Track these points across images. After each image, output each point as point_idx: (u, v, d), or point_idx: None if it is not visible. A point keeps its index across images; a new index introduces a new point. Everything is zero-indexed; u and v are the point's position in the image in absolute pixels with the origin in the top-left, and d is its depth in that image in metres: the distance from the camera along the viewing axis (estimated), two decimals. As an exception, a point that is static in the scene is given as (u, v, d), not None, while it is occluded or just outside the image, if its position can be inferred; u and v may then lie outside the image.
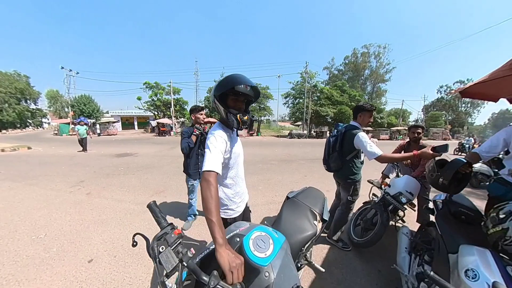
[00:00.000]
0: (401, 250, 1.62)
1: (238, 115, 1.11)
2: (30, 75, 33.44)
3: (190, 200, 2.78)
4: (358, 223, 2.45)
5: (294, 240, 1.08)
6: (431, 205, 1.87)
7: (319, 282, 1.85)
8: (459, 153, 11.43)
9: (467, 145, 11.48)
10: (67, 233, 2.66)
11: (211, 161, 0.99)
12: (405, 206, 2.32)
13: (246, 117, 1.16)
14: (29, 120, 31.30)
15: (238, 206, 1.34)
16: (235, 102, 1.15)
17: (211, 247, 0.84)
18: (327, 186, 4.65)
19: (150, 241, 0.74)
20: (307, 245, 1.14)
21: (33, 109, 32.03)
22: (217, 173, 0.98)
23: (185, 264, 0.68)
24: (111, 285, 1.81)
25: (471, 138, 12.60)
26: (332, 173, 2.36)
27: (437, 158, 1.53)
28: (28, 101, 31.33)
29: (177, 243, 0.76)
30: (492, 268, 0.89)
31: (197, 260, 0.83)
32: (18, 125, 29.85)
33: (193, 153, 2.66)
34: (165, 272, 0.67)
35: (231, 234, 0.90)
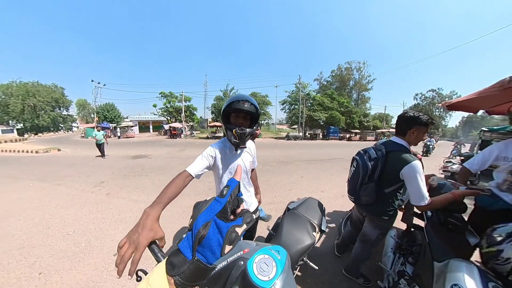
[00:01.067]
0: (387, 250, 1.58)
1: (234, 130, 1.07)
2: (65, 86, 35.08)
3: None
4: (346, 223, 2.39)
5: (294, 251, 1.09)
6: (416, 209, 1.74)
7: (313, 278, 1.86)
8: (426, 154, 11.29)
9: (430, 146, 11.54)
10: (92, 230, 2.71)
11: (191, 164, 1.06)
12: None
13: (244, 131, 1.10)
14: (61, 125, 32.74)
15: None
16: (235, 118, 1.14)
17: (219, 266, 0.78)
18: (322, 187, 4.70)
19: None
20: (305, 253, 1.15)
21: (65, 115, 33.47)
22: (189, 173, 1.02)
23: None
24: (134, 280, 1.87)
25: (432, 139, 12.59)
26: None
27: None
28: (61, 108, 32.77)
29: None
30: (477, 285, 0.86)
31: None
32: (52, 129, 31.00)
33: None
34: None
35: (235, 256, 0.83)
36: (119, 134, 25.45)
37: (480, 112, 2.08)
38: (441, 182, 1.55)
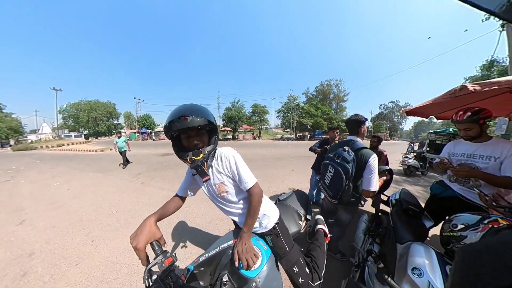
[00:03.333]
0: (359, 232, 1.49)
1: (188, 157, 0.69)
2: (116, 102, 37.43)
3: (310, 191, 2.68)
4: None
5: None
6: (384, 197, 1.71)
7: None
8: (410, 153, 10.89)
9: (409, 148, 11.21)
10: (130, 210, 2.81)
11: (179, 187, 0.89)
12: (366, 198, 2.12)
13: (200, 155, 0.68)
14: (113, 131, 34.63)
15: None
16: (187, 139, 0.71)
17: (211, 252, 0.73)
18: (308, 178, 4.62)
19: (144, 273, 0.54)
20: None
21: (116, 123, 35.97)
22: (179, 196, 0.87)
23: (172, 281, 0.53)
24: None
25: (412, 144, 12.05)
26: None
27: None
28: (113, 118, 35.29)
29: (169, 271, 0.56)
30: (435, 268, 0.78)
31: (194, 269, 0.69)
32: (107, 134, 33.02)
33: (318, 156, 2.59)
34: None
35: (226, 244, 0.75)
36: (153, 137, 26.73)
37: (429, 118, 2.04)
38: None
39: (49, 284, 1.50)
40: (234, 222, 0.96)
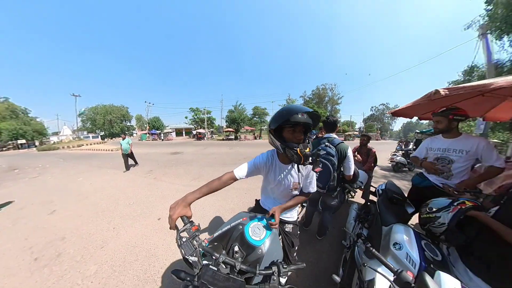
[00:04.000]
0: (350, 218, 1.55)
1: (298, 149, 0.70)
2: (128, 105, 38.83)
3: None
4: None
5: None
6: (372, 189, 1.75)
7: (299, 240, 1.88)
8: (399, 151, 10.75)
9: (398, 147, 11.08)
10: (144, 202, 2.90)
11: (238, 168, 0.84)
12: (357, 190, 2.28)
13: (307, 149, 0.72)
14: (126, 132, 35.15)
15: None
16: (293, 133, 0.74)
17: (224, 228, 0.80)
18: None
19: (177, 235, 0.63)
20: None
21: (128, 125, 36.43)
22: (235, 175, 0.81)
23: (200, 249, 0.61)
24: (172, 233, 2.00)
25: (401, 144, 11.88)
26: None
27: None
28: (126, 121, 35.90)
29: (194, 235, 0.64)
30: (412, 243, 0.83)
31: (208, 244, 0.76)
32: (120, 135, 33.81)
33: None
34: (186, 254, 0.59)
35: (236, 222, 0.81)
36: (162, 137, 27.19)
37: (415, 118, 2.08)
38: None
39: (81, 263, 1.65)
40: (257, 203, 1.08)
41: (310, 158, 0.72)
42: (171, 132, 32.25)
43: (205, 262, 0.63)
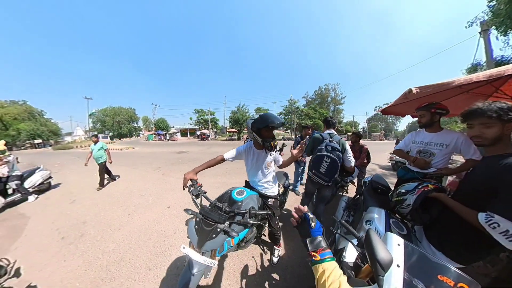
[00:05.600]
0: (340, 208, 1.64)
1: (272, 142, 1.08)
2: (136, 107, 40.25)
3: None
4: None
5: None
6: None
7: (293, 230, 1.85)
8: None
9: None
10: (155, 193, 3.13)
11: (227, 152, 1.21)
12: (349, 184, 2.38)
13: (276, 142, 1.10)
14: (133, 133, 36.63)
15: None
16: (268, 132, 1.09)
17: (221, 194, 1.18)
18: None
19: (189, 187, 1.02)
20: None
21: (135, 126, 37.61)
22: (223, 157, 1.18)
23: (201, 194, 0.98)
24: (181, 218, 2.21)
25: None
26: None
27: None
28: (133, 122, 37.10)
29: (198, 187, 1.01)
30: (381, 220, 0.93)
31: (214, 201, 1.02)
32: (128, 135, 34.99)
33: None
34: (193, 194, 0.97)
35: (227, 190, 1.20)
36: (168, 138, 27.91)
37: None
38: None
39: (101, 242, 1.85)
40: (247, 183, 1.39)
41: (278, 147, 1.16)
42: (176, 133, 32.89)
43: (204, 204, 0.98)
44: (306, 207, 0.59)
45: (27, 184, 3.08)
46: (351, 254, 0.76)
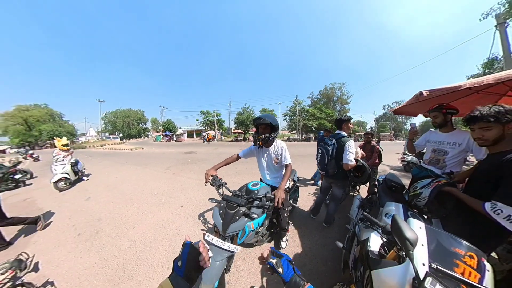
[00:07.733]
0: (354, 206, 1.67)
1: (259, 137, 1.25)
2: (144, 109, 40.30)
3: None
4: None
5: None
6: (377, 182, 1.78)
7: (307, 227, 1.88)
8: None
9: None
10: (167, 193, 3.10)
11: (242, 151, 1.44)
12: (361, 184, 2.37)
13: (260, 136, 1.25)
14: (142, 134, 37.67)
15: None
16: (263, 129, 1.27)
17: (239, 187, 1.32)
18: (309, 172, 4.56)
19: (212, 180, 1.24)
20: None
21: (144, 127, 38.75)
22: (238, 154, 1.43)
23: (223, 185, 1.22)
24: (194, 218, 2.17)
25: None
26: (324, 173, 1.79)
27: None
28: (142, 123, 38.16)
29: (220, 180, 1.25)
30: (400, 212, 1.00)
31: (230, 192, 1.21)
32: (137, 136, 36.10)
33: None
34: (216, 185, 1.20)
35: (243, 185, 1.35)
36: (175, 139, 28.21)
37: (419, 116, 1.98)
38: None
39: (116, 239, 1.80)
40: (261, 180, 1.52)
41: (262, 142, 1.27)
42: (183, 134, 33.30)
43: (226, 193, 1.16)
44: (267, 252, 0.56)
45: (80, 167, 4.18)
46: (375, 243, 0.83)
